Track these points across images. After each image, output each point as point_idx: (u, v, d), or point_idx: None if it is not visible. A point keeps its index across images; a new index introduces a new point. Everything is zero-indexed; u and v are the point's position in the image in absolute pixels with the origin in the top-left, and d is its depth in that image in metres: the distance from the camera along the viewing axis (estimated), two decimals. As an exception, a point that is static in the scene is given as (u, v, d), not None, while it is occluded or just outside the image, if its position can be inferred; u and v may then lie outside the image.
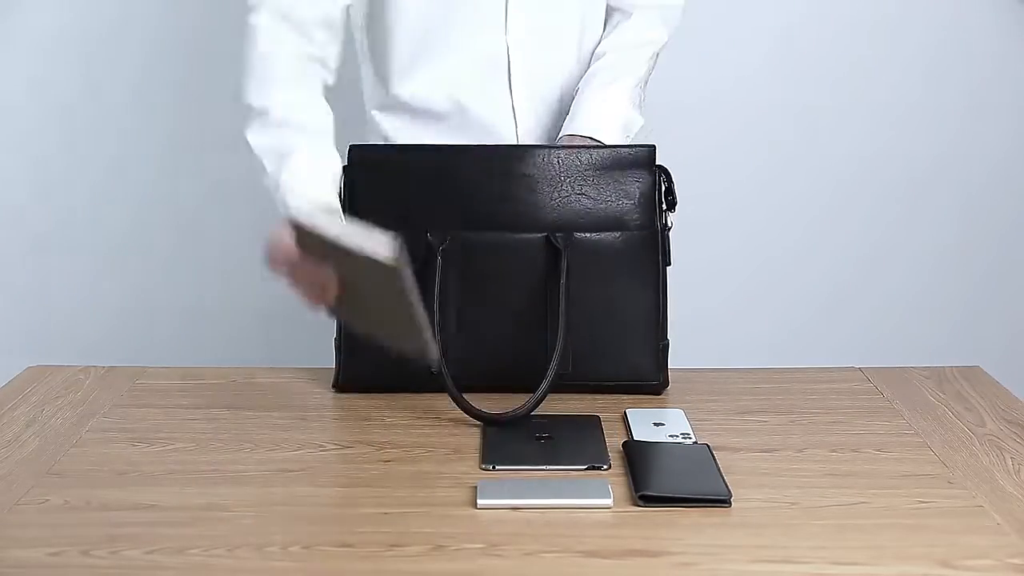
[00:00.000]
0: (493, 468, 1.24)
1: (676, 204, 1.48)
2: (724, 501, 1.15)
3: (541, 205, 1.45)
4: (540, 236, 1.44)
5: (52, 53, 2.41)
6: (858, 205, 2.50)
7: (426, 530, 1.09)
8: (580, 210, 1.45)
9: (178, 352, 2.43)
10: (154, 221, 2.48)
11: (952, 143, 2.48)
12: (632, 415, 1.38)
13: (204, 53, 2.39)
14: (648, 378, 1.47)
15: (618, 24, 1.66)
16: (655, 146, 1.49)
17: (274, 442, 1.32)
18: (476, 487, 1.17)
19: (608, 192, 1.46)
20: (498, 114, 1.61)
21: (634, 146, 1.49)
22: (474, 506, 1.14)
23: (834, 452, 1.29)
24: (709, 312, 2.42)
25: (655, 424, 1.35)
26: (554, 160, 1.45)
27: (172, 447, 1.31)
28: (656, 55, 1.67)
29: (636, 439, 1.31)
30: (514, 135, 1.61)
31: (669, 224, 1.48)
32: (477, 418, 1.35)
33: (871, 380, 1.53)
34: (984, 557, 1.05)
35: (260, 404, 1.45)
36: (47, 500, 1.17)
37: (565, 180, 1.45)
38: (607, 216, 1.46)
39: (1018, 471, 1.24)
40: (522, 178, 1.45)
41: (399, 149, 1.57)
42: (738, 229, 2.49)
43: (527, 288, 1.44)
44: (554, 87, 1.63)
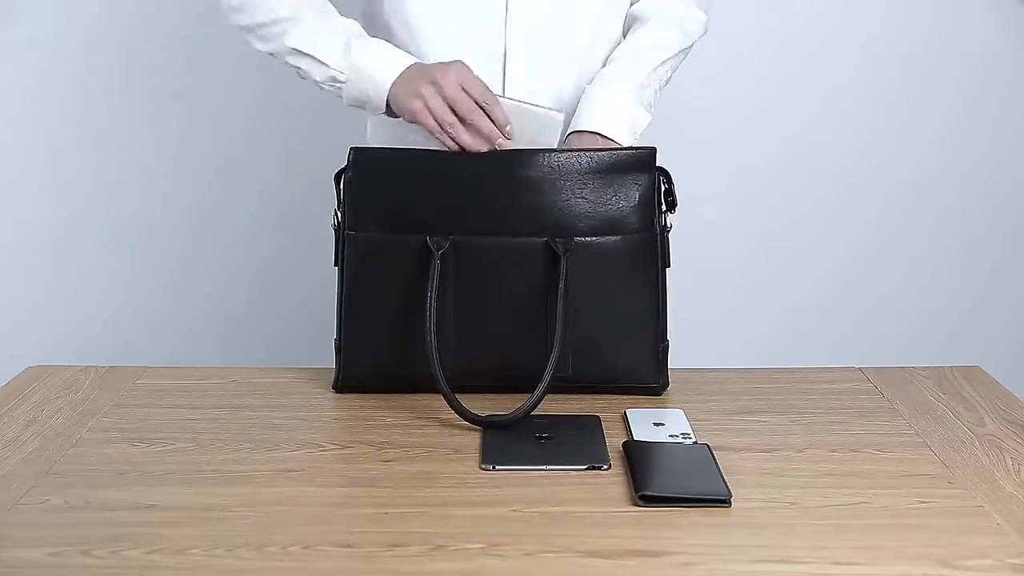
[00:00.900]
0: (493, 468, 1.24)
1: (676, 205, 1.48)
2: (724, 501, 1.15)
3: (540, 209, 1.44)
4: (540, 240, 1.44)
5: (52, 54, 2.42)
6: (858, 206, 2.50)
7: (426, 530, 1.09)
8: (580, 213, 1.44)
9: (178, 352, 2.44)
10: (154, 221, 2.48)
11: (952, 144, 2.48)
12: (632, 415, 1.38)
13: (205, 54, 2.39)
14: (648, 380, 1.47)
15: (633, 31, 1.66)
16: (655, 148, 1.48)
17: (274, 442, 1.32)
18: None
19: (608, 195, 1.45)
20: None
21: (634, 149, 1.49)
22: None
23: (834, 452, 1.29)
24: (709, 312, 2.43)
25: (655, 424, 1.35)
26: (553, 164, 1.45)
27: (172, 447, 1.31)
28: (668, 61, 1.63)
29: (636, 439, 1.31)
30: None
31: (669, 226, 1.48)
32: (471, 421, 1.35)
33: (871, 380, 1.53)
34: (984, 557, 1.05)
35: (260, 404, 1.45)
36: (47, 500, 1.17)
37: (564, 184, 1.44)
38: (607, 219, 1.45)
39: (1018, 471, 1.24)
40: (522, 182, 1.44)
41: (399, 152, 1.57)
42: (738, 230, 2.49)
43: (526, 291, 1.44)
44: (550, 97, 1.60)
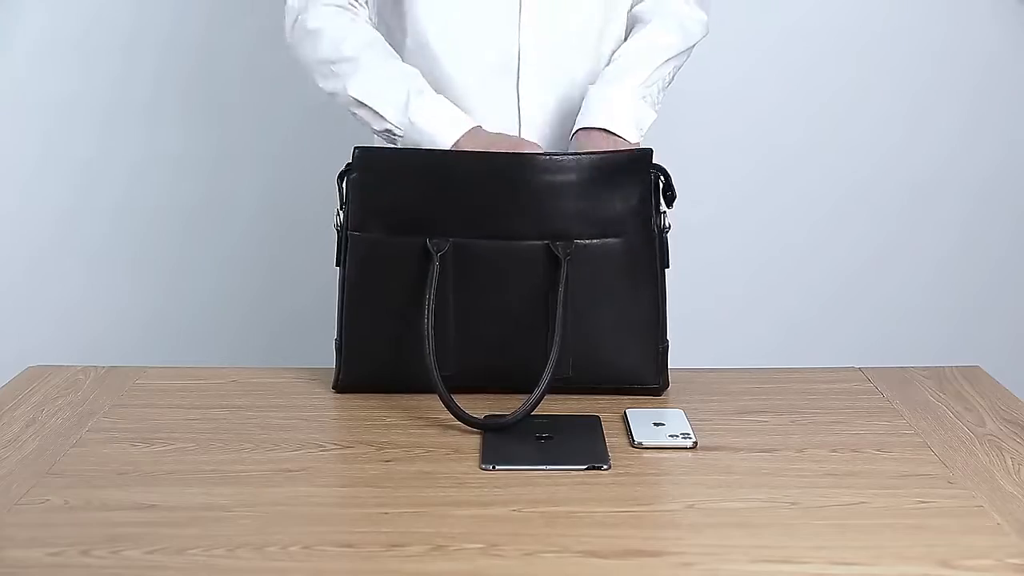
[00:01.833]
0: (493, 468, 1.24)
1: (675, 198, 1.47)
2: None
3: (540, 211, 1.44)
4: (540, 244, 1.43)
5: (53, 55, 2.42)
6: (858, 206, 2.50)
7: (426, 530, 1.09)
8: (579, 216, 1.44)
9: (178, 352, 2.44)
10: (155, 222, 2.49)
11: (953, 144, 2.48)
12: (632, 415, 1.38)
13: (207, 55, 2.39)
14: (648, 381, 1.47)
15: (635, 31, 1.67)
16: (651, 150, 1.48)
17: (274, 442, 1.32)
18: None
19: (606, 197, 1.45)
20: (502, 120, 1.62)
21: (630, 150, 1.49)
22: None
23: (834, 452, 1.29)
24: (709, 313, 2.43)
25: (655, 424, 1.35)
26: (553, 166, 1.44)
27: (172, 447, 1.31)
28: (670, 60, 1.65)
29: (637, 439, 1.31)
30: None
31: (667, 226, 1.48)
32: (468, 424, 1.35)
33: (871, 380, 1.53)
34: (984, 557, 1.05)
35: (260, 404, 1.45)
36: (47, 500, 1.17)
37: (564, 186, 1.44)
38: (606, 221, 1.45)
39: (1018, 471, 1.23)
40: (522, 184, 1.44)
41: (402, 153, 1.57)
42: (738, 230, 2.49)
43: (526, 293, 1.43)
44: (563, 97, 1.64)
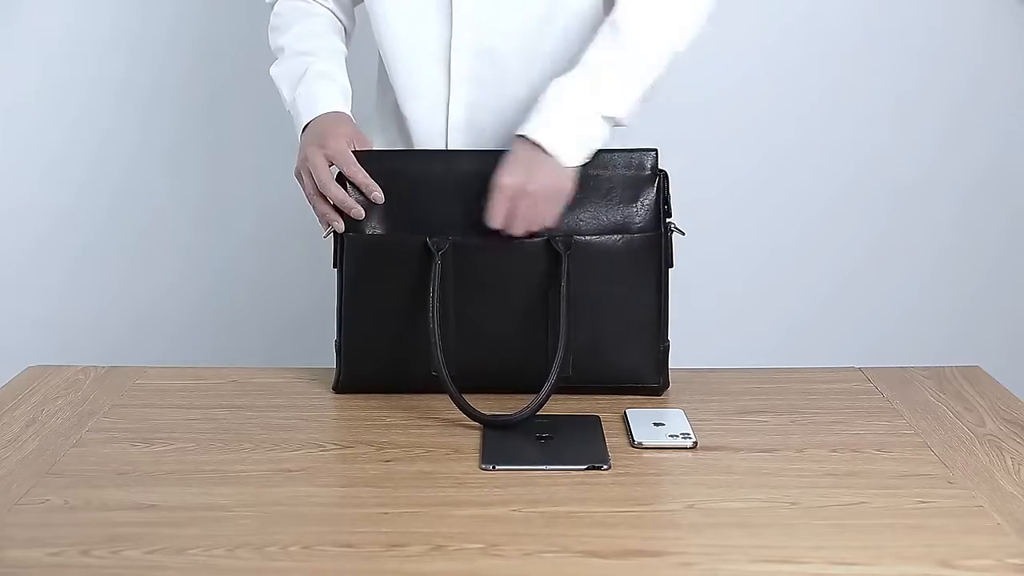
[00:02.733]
0: (493, 468, 1.24)
1: (671, 213, 1.47)
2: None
3: None
4: (540, 240, 1.44)
5: (55, 55, 2.42)
6: (858, 205, 2.50)
7: (426, 530, 1.09)
8: (581, 214, 1.44)
9: (178, 352, 2.44)
10: (155, 222, 2.48)
11: (952, 143, 2.47)
12: (632, 415, 1.38)
13: (205, 55, 2.39)
14: (649, 380, 1.47)
15: (615, 30, 1.51)
16: (656, 150, 1.48)
17: (274, 442, 1.32)
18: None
19: (610, 196, 1.45)
20: (433, 113, 1.58)
21: (636, 150, 1.48)
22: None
23: (834, 452, 1.29)
24: (709, 313, 2.42)
25: (655, 424, 1.35)
26: None
27: (172, 447, 1.31)
28: (654, 71, 1.51)
29: (638, 439, 1.31)
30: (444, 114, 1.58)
31: (672, 228, 1.47)
32: (477, 420, 1.35)
33: (871, 380, 1.53)
34: (984, 557, 1.05)
35: (260, 404, 1.45)
36: (47, 500, 1.17)
37: None
38: (609, 220, 1.45)
39: (1018, 471, 1.23)
40: None
41: (399, 153, 1.57)
42: (738, 230, 2.49)
43: (528, 291, 1.43)
44: (495, 95, 1.56)
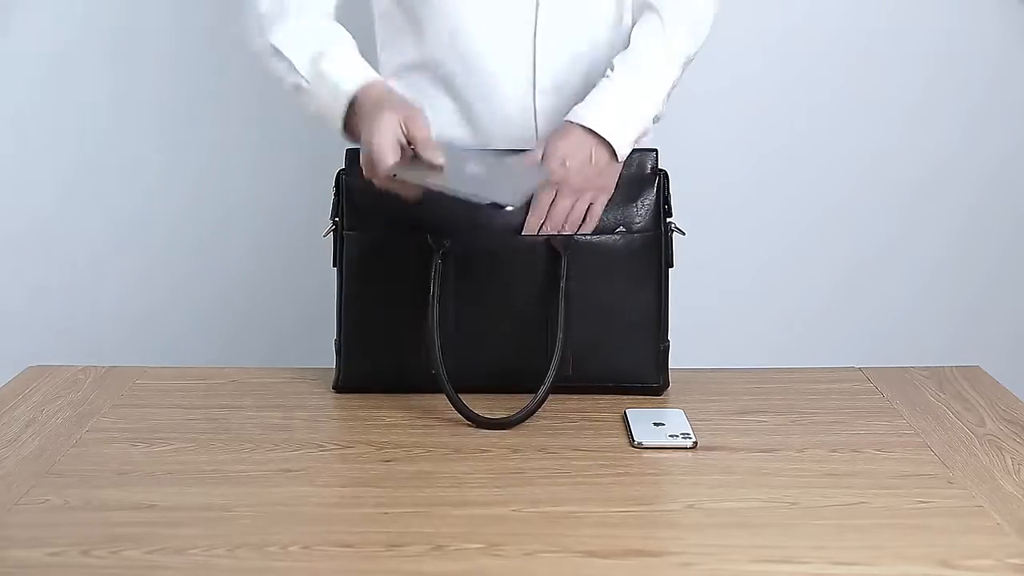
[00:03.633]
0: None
1: (671, 213, 1.47)
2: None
3: None
4: (540, 239, 1.43)
5: (53, 55, 2.41)
6: (858, 206, 2.50)
7: (426, 530, 1.09)
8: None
9: (178, 352, 2.43)
10: (155, 222, 2.48)
11: (953, 144, 2.47)
12: (632, 415, 1.38)
13: (205, 55, 2.39)
14: (649, 380, 1.47)
15: (645, 31, 1.56)
16: (656, 150, 1.49)
17: (274, 442, 1.32)
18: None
19: (612, 195, 1.46)
20: (515, 68, 1.55)
21: (637, 150, 1.48)
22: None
23: (834, 452, 1.29)
24: (709, 313, 2.42)
25: (655, 424, 1.35)
26: None
27: (172, 447, 1.31)
28: (684, 67, 1.57)
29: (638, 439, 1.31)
30: (531, 95, 1.55)
31: (672, 228, 1.47)
32: (472, 421, 1.35)
33: (871, 380, 1.53)
34: (984, 557, 1.05)
35: (260, 404, 1.45)
36: (47, 500, 1.17)
37: None
38: (609, 220, 1.45)
39: (1018, 471, 1.23)
40: None
41: None
42: (738, 230, 2.49)
43: (527, 290, 1.43)
44: (581, 50, 1.56)
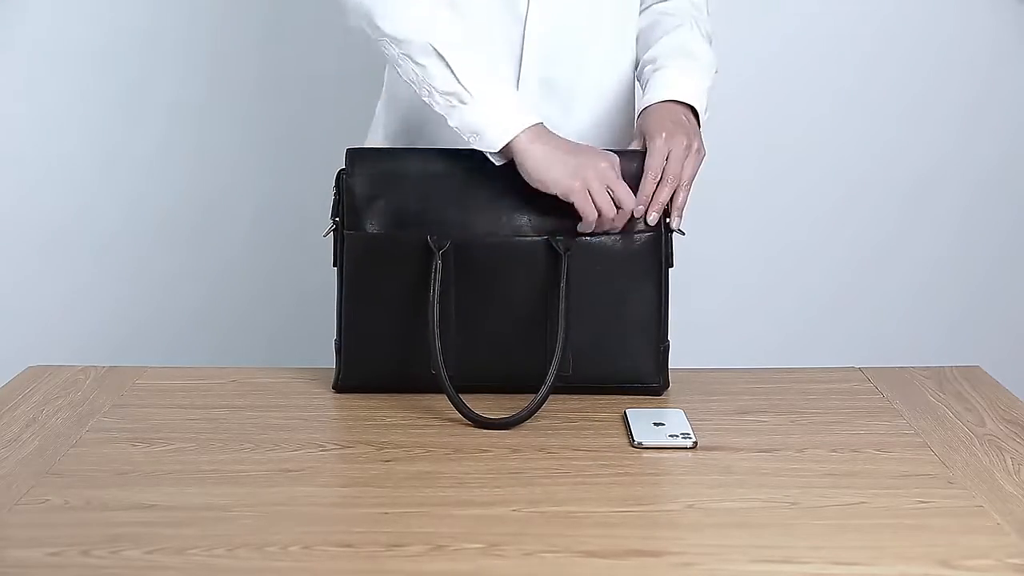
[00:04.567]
0: None
1: (671, 213, 1.47)
2: None
3: (541, 207, 1.44)
4: (540, 239, 1.44)
5: (52, 54, 2.42)
6: (858, 206, 2.50)
7: (426, 530, 1.09)
8: None
9: (178, 352, 2.44)
10: (155, 221, 2.48)
11: (952, 144, 2.48)
12: (632, 415, 1.38)
13: (205, 56, 2.39)
14: (649, 380, 1.47)
15: (673, 34, 1.61)
16: None
17: (274, 442, 1.32)
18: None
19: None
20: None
21: (637, 151, 1.48)
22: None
23: (834, 452, 1.29)
24: (709, 313, 2.43)
25: (655, 424, 1.35)
26: None
27: (172, 447, 1.31)
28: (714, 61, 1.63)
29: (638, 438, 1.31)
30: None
31: (673, 228, 1.47)
32: (473, 421, 1.35)
33: (871, 380, 1.53)
34: (984, 557, 1.05)
35: (260, 404, 1.45)
36: (47, 500, 1.17)
37: None
38: None
39: (1018, 471, 1.23)
40: (522, 180, 1.44)
41: (397, 152, 1.56)
42: (738, 230, 2.49)
43: (528, 291, 1.43)
44: (567, 88, 1.59)
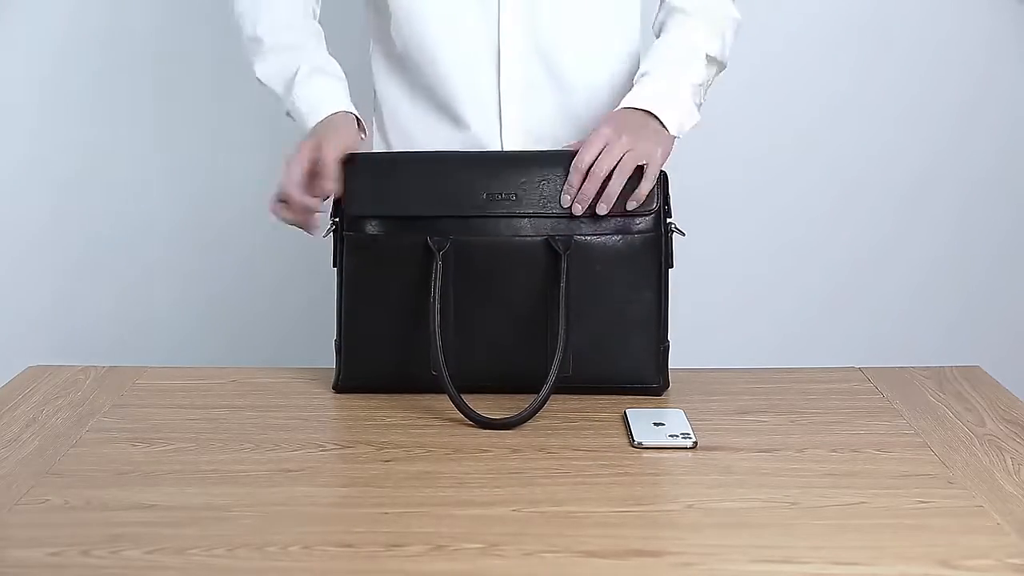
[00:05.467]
0: None
1: (671, 213, 1.47)
2: None
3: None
4: (540, 239, 1.44)
5: (51, 54, 2.41)
6: (858, 206, 2.50)
7: (426, 530, 1.10)
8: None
9: (178, 352, 2.44)
10: (155, 221, 2.48)
11: (951, 143, 2.47)
12: (632, 415, 1.38)
13: (205, 55, 2.39)
14: (649, 380, 1.47)
15: (679, 23, 1.61)
16: None
17: (274, 442, 1.32)
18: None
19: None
20: (483, 105, 1.62)
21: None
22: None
23: (834, 452, 1.29)
24: (709, 312, 2.42)
25: (655, 424, 1.35)
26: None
27: (172, 447, 1.31)
28: (716, 62, 1.62)
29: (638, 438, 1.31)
30: (496, 124, 1.62)
31: (672, 228, 1.47)
32: (474, 421, 1.35)
33: (871, 380, 1.53)
34: (984, 557, 1.05)
35: (260, 404, 1.45)
36: (47, 500, 1.17)
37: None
38: (609, 220, 1.45)
39: (1018, 471, 1.23)
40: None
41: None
42: (738, 230, 2.49)
43: (528, 291, 1.43)
44: (549, 88, 1.62)
